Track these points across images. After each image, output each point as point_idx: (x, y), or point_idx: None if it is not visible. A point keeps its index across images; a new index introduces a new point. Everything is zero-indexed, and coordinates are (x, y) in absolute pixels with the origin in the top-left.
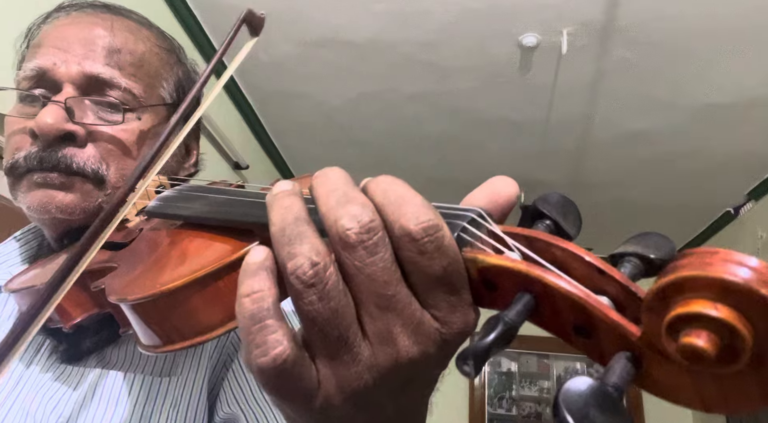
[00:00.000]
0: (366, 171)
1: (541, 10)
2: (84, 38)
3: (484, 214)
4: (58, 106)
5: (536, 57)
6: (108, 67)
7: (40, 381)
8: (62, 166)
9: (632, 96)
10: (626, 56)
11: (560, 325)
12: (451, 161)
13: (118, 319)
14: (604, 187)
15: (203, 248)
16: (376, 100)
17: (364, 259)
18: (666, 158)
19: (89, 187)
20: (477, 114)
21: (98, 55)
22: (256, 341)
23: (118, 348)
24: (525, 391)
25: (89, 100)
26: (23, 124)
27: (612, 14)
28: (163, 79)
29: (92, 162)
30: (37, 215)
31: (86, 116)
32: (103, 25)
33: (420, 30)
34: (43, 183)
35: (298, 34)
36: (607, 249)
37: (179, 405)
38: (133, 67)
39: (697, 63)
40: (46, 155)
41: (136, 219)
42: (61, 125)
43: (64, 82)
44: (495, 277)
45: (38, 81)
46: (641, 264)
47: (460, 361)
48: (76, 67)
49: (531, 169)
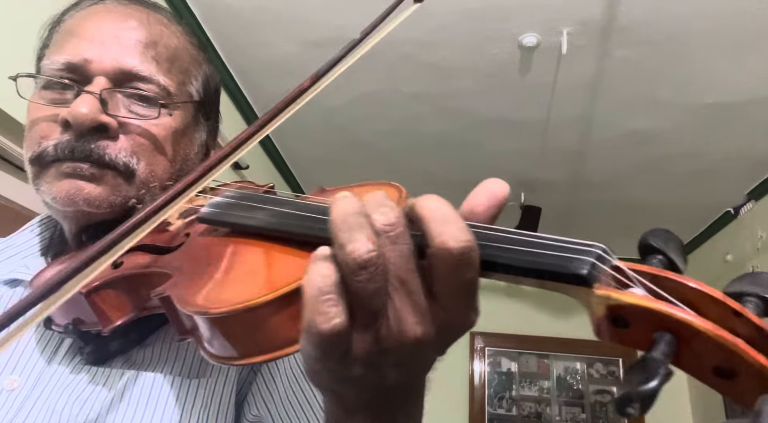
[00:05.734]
0: (366, 170)
1: (541, 10)
2: (119, 30)
3: (608, 250)
4: (93, 96)
5: (536, 57)
6: (143, 62)
7: (65, 380)
8: (94, 157)
9: (632, 96)
10: (626, 56)
11: (699, 367)
12: (451, 161)
13: (177, 327)
14: (604, 186)
15: (279, 262)
16: (376, 100)
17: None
18: (666, 158)
19: (119, 181)
20: (477, 114)
21: (133, 49)
22: (321, 310)
23: (144, 349)
24: (525, 391)
25: (121, 93)
26: (51, 111)
27: (612, 14)
28: (193, 76)
29: (124, 155)
30: (62, 207)
31: (118, 109)
32: (138, 17)
33: (420, 30)
34: (72, 173)
35: (298, 34)
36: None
37: (209, 407)
38: (167, 63)
39: (698, 63)
40: (78, 145)
41: (178, 222)
42: (96, 116)
43: (97, 74)
44: (629, 315)
45: (70, 70)
46: (762, 304)
47: (625, 403)
48: (110, 60)
49: (531, 168)
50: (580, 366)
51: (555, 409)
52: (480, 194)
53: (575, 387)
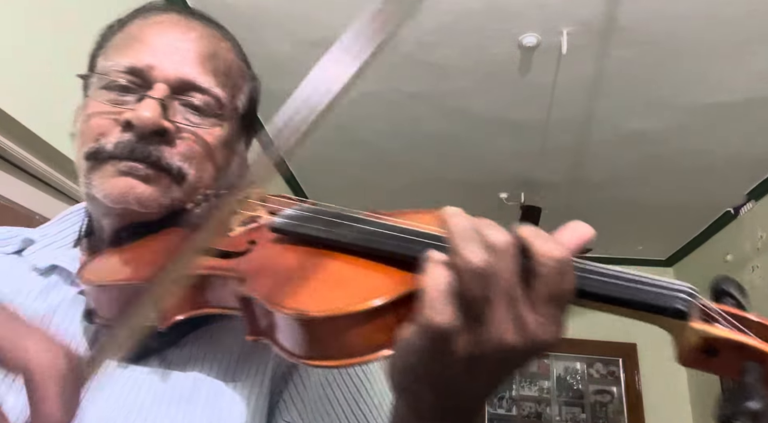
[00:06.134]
0: (366, 170)
1: (541, 10)
2: (182, 41)
3: (695, 289)
4: (156, 101)
5: (536, 57)
6: (202, 74)
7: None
8: (152, 159)
9: (632, 96)
10: (626, 56)
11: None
12: (451, 161)
13: (251, 327)
14: (604, 186)
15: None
16: (376, 99)
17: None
18: (666, 158)
19: (170, 184)
20: (477, 114)
21: (194, 60)
22: (437, 308)
23: (181, 349)
24: (525, 391)
25: (179, 100)
26: (109, 110)
27: (612, 14)
28: (241, 90)
29: (178, 159)
30: (112, 204)
31: (175, 115)
32: (199, 30)
33: (420, 30)
34: (127, 172)
35: (298, 34)
36: (607, 249)
37: (243, 409)
38: (223, 76)
39: (698, 63)
40: (138, 146)
41: (239, 229)
42: (158, 120)
43: (158, 81)
44: (721, 346)
45: (132, 73)
46: None
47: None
48: (172, 69)
49: (531, 169)
50: (580, 366)
51: (555, 409)
52: (568, 234)
53: (575, 387)
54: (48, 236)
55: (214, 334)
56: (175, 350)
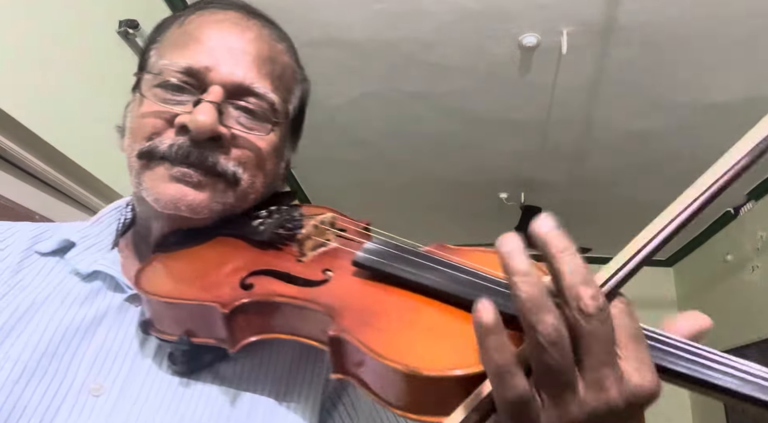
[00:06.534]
0: (366, 170)
1: (541, 10)
2: (239, 42)
3: None
4: (213, 106)
5: (536, 57)
6: (259, 78)
7: (155, 390)
8: (208, 164)
9: (632, 96)
10: (626, 56)
11: None
12: (451, 161)
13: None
14: (603, 186)
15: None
16: (376, 99)
17: (598, 327)
18: (666, 158)
19: (223, 189)
20: (477, 114)
21: (251, 64)
22: (505, 384)
23: (234, 365)
24: None
25: (233, 105)
26: (164, 110)
27: (612, 14)
28: (293, 94)
29: (233, 164)
30: (162, 208)
31: (230, 120)
32: (257, 32)
33: (420, 30)
34: (180, 178)
35: (298, 34)
36: (606, 249)
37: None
38: (278, 80)
39: (698, 63)
40: (194, 151)
41: (311, 254)
42: (215, 126)
43: (214, 83)
44: None
45: (188, 74)
46: None
47: None
48: (228, 72)
49: (531, 169)
50: None
51: None
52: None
53: None
54: (89, 238)
55: (264, 349)
56: (227, 365)
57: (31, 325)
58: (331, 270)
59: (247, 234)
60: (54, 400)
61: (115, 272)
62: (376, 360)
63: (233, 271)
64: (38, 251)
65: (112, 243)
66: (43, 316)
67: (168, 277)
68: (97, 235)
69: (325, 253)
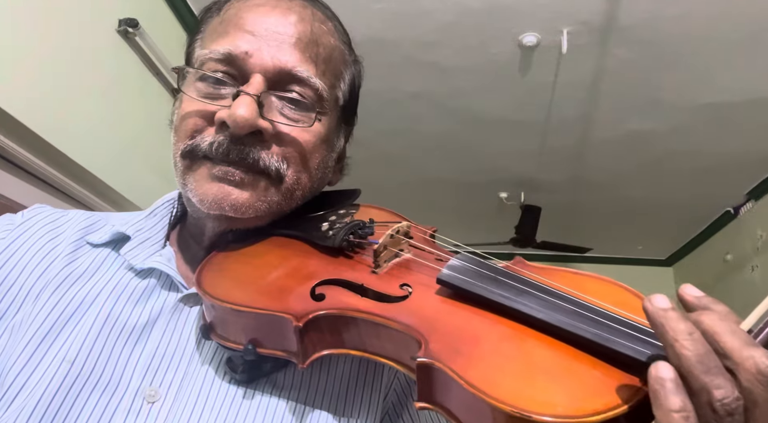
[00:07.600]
0: (366, 169)
1: (541, 9)
2: (281, 25)
3: None
4: (252, 99)
5: (536, 57)
6: (302, 62)
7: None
8: (249, 161)
9: (632, 96)
10: (626, 56)
11: None
12: (451, 161)
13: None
14: (604, 186)
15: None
16: (376, 99)
17: None
18: (666, 158)
19: (267, 185)
20: (477, 113)
21: (294, 47)
22: None
23: (293, 374)
24: None
25: (276, 95)
26: (204, 106)
27: (612, 14)
28: (342, 78)
29: (276, 160)
30: (207, 209)
31: (272, 112)
32: (300, 12)
33: (420, 30)
34: (222, 178)
35: None
36: (606, 249)
37: None
38: (324, 64)
39: (698, 63)
40: (234, 148)
41: (386, 265)
42: (255, 121)
43: (255, 72)
44: None
45: (228, 62)
46: None
47: None
48: (270, 57)
49: (531, 168)
50: None
51: None
52: None
53: None
54: (143, 231)
55: (323, 360)
56: (285, 374)
57: (84, 321)
58: (410, 285)
59: (314, 238)
60: (109, 405)
61: (171, 270)
62: (475, 395)
63: (302, 278)
64: (90, 242)
65: (164, 237)
66: (96, 313)
67: (232, 281)
68: (151, 229)
69: (399, 265)
